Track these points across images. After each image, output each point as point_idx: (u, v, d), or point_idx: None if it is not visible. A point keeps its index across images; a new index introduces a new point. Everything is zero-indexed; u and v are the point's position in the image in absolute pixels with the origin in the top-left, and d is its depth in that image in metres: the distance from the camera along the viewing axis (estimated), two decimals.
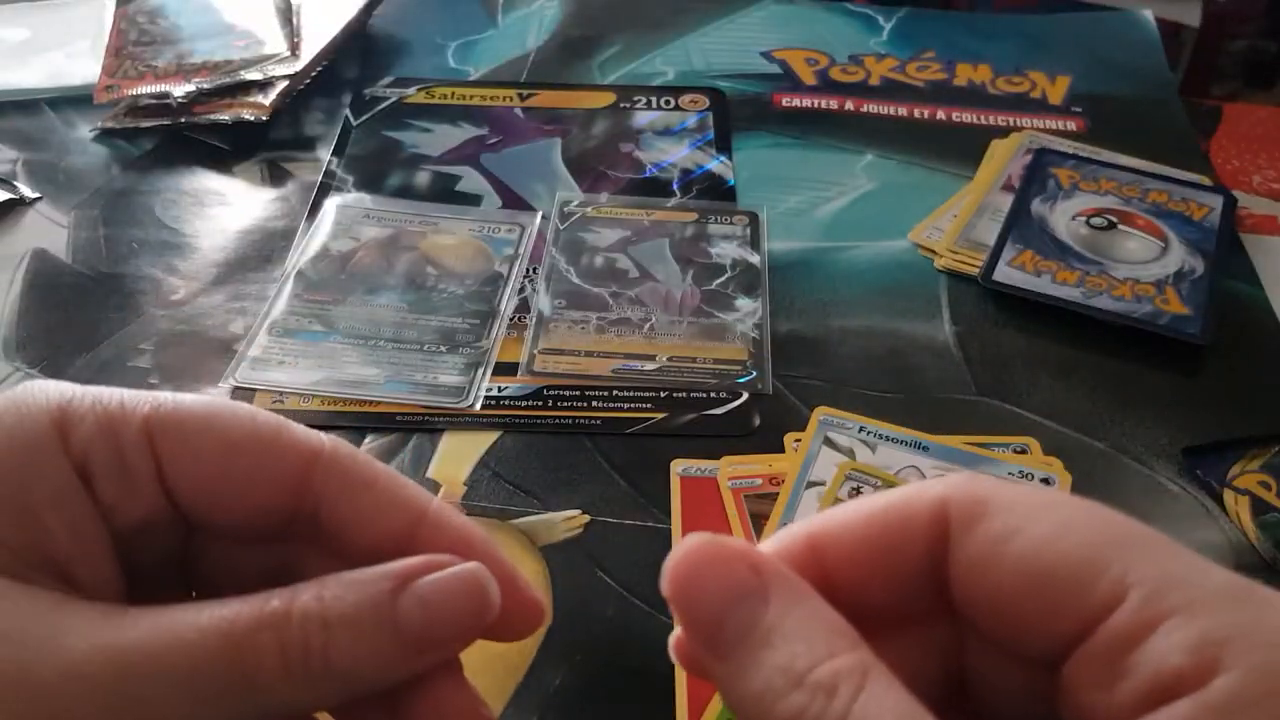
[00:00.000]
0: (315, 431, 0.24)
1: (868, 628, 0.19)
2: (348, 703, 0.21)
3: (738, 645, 0.19)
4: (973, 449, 0.40)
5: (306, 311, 0.46)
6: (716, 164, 0.55)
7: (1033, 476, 0.39)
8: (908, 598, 0.20)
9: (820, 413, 0.40)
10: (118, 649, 0.20)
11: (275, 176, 0.55)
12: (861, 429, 0.40)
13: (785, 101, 0.60)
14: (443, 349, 0.44)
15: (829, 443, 0.38)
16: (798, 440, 0.40)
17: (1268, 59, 1.09)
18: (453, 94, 0.60)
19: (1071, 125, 0.58)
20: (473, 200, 0.53)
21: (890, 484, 0.37)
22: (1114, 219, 0.50)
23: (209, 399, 0.24)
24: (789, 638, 0.18)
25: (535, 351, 0.44)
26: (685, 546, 0.19)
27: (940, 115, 0.59)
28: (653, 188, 0.54)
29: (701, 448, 0.40)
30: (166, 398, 0.24)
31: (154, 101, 0.57)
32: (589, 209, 0.52)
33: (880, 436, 0.39)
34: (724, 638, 0.19)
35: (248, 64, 0.59)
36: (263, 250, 0.50)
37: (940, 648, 0.21)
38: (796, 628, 0.19)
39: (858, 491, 0.36)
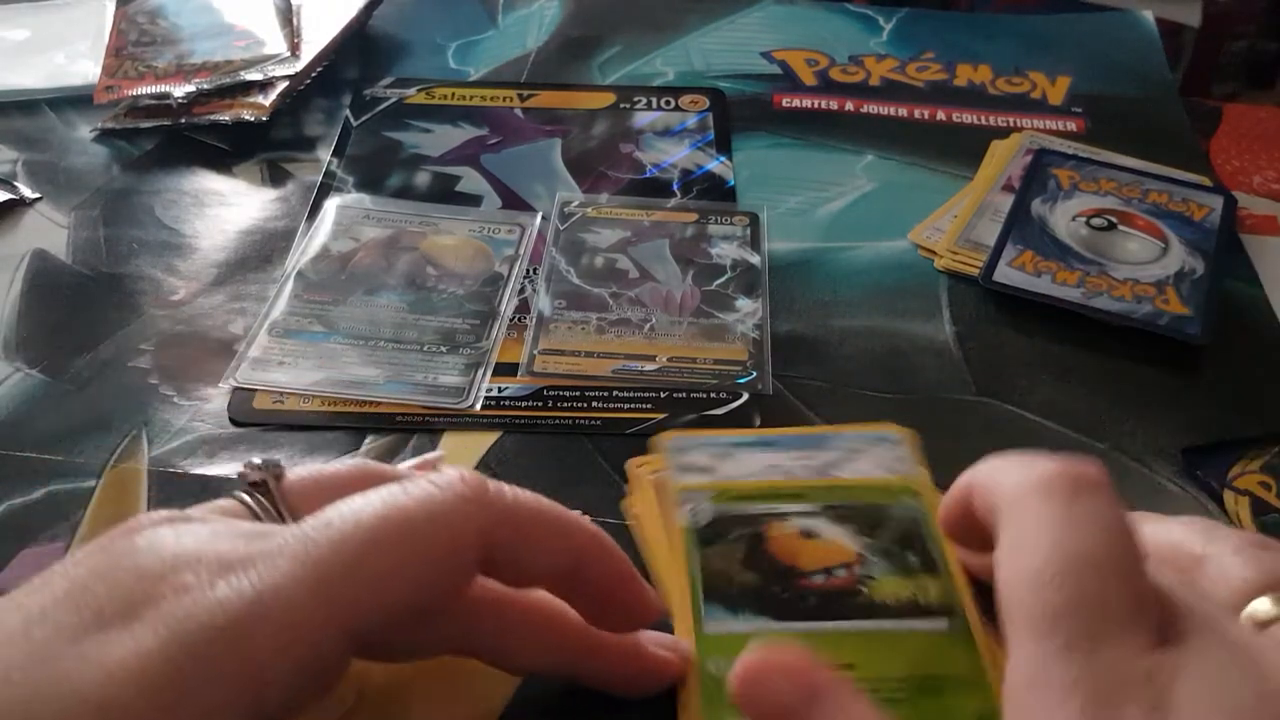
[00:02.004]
0: (476, 491, 0.25)
1: None
2: None
3: None
4: (818, 431, 0.40)
5: (306, 312, 0.46)
6: (716, 164, 0.55)
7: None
8: None
9: (666, 437, 0.38)
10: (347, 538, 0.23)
11: (275, 177, 0.55)
12: (711, 443, 0.38)
13: (785, 102, 0.60)
14: (443, 349, 0.44)
15: (686, 468, 0.38)
16: (646, 467, 0.38)
17: (1268, 59, 1.09)
18: (453, 94, 0.60)
19: (1071, 125, 0.58)
20: (473, 200, 0.53)
21: (750, 493, 0.37)
22: (1114, 219, 0.50)
23: (367, 517, 0.24)
24: None
25: (535, 352, 0.44)
26: (754, 653, 0.24)
27: (940, 115, 0.59)
28: (653, 188, 0.54)
29: None
30: (334, 559, 0.23)
31: (154, 102, 0.57)
32: (589, 209, 0.52)
33: (732, 444, 0.38)
34: None
35: (248, 64, 0.59)
36: (263, 250, 0.50)
37: None
38: None
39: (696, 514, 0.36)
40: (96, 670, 0.21)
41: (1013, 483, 0.27)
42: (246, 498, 0.28)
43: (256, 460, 0.28)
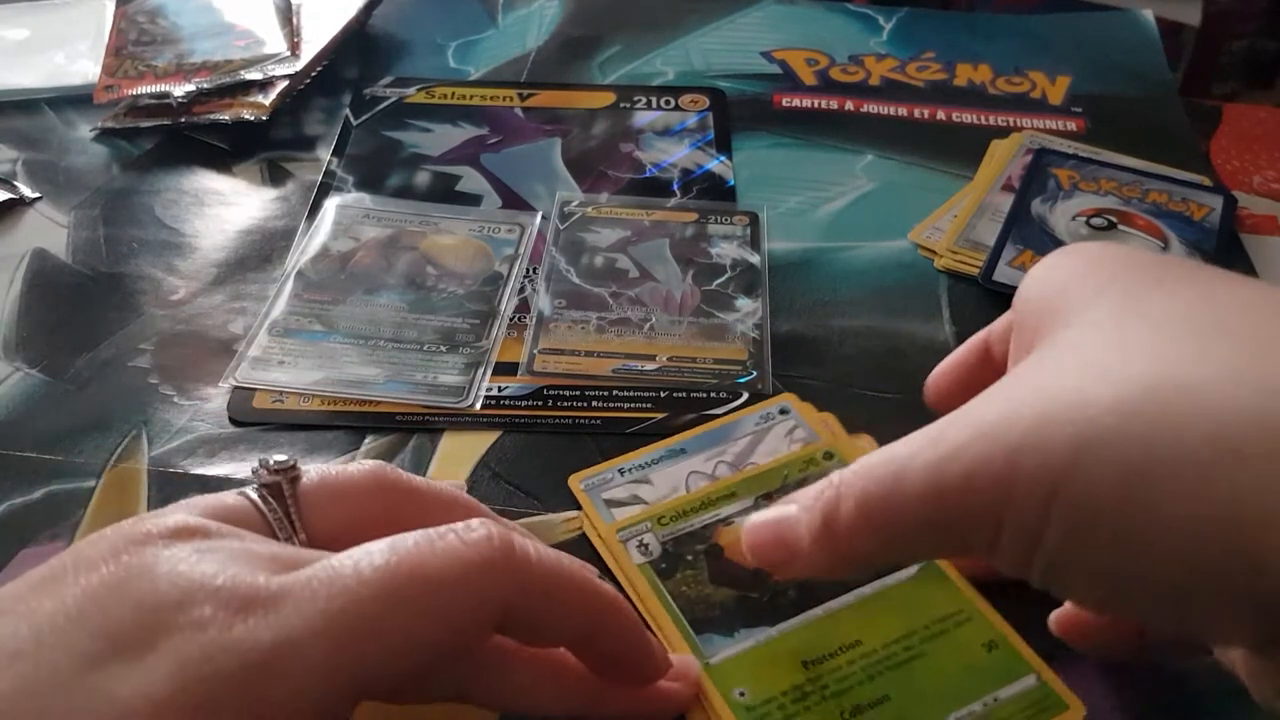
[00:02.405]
0: (502, 554, 0.25)
1: None
2: None
3: None
4: (717, 425, 0.40)
5: (306, 311, 0.46)
6: (716, 164, 0.55)
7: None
8: None
9: (577, 480, 0.38)
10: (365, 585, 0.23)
11: (275, 176, 0.55)
12: (622, 470, 0.38)
13: (785, 101, 0.60)
14: (443, 349, 0.44)
15: (610, 504, 0.37)
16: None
17: (1268, 59, 1.09)
18: (453, 94, 0.60)
19: (1071, 125, 0.58)
20: (473, 200, 0.53)
21: (686, 508, 0.37)
22: (1114, 219, 0.50)
23: (384, 574, 0.24)
24: None
25: (535, 351, 0.44)
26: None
27: (940, 115, 0.59)
28: (653, 188, 0.54)
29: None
30: (368, 616, 0.23)
31: (154, 101, 0.57)
32: (589, 209, 0.52)
33: (643, 466, 0.38)
34: None
35: (248, 64, 0.59)
36: (263, 250, 0.50)
37: None
38: None
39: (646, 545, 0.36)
40: (107, 707, 0.21)
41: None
42: (259, 500, 0.27)
43: (272, 459, 0.28)
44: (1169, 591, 0.22)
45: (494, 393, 0.42)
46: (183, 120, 0.57)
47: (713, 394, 0.42)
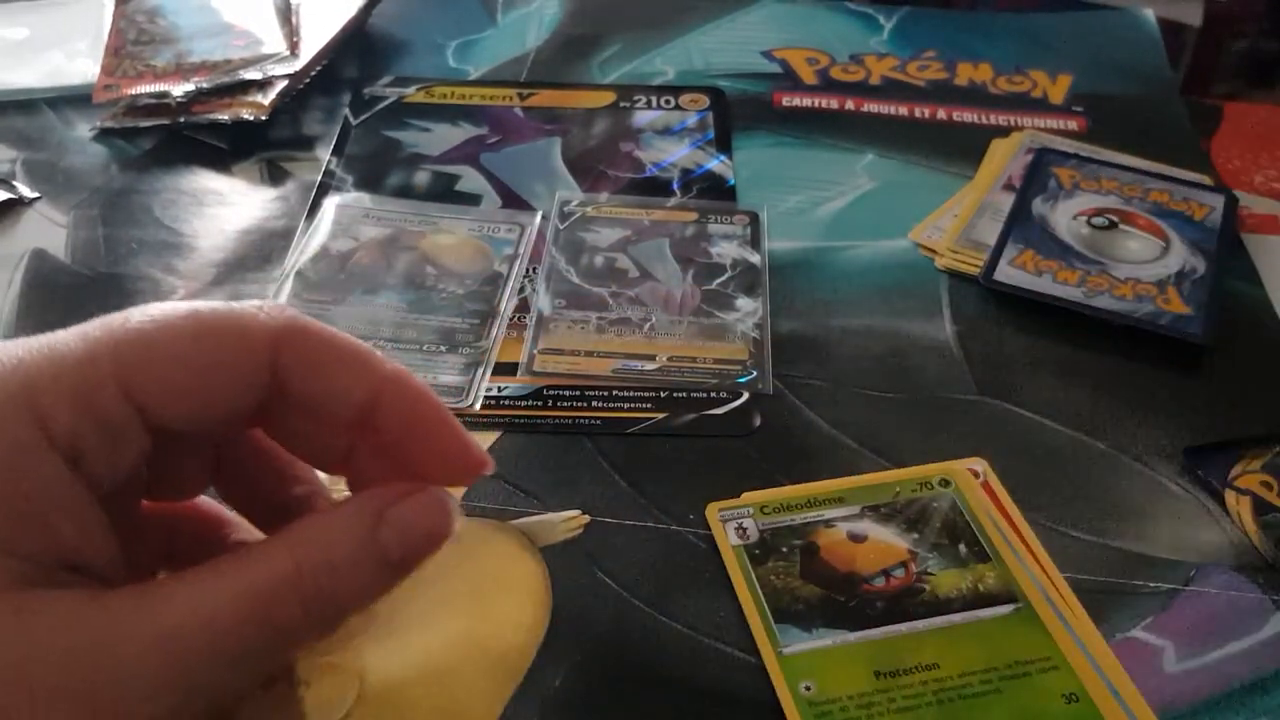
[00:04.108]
0: (275, 309, 0.26)
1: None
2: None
3: None
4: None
5: (306, 311, 0.45)
6: (716, 163, 0.55)
7: None
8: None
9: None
10: (167, 638, 0.22)
11: (274, 176, 0.55)
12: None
13: (785, 101, 0.60)
14: (442, 349, 0.44)
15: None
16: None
17: (1269, 58, 1.09)
18: (452, 93, 0.60)
19: (1072, 125, 0.58)
20: (472, 200, 0.53)
21: (790, 502, 0.37)
22: (1115, 218, 0.50)
23: (165, 311, 0.24)
24: None
25: (535, 351, 0.44)
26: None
27: (941, 115, 0.59)
28: (653, 187, 0.54)
29: (705, 457, 0.40)
30: (125, 330, 0.24)
31: (153, 101, 0.57)
32: (589, 209, 0.52)
33: None
34: None
35: (247, 63, 0.59)
36: (262, 250, 0.50)
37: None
38: None
39: None
40: None
41: None
42: None
43: None
44: None
45: (494, 393, 0.42)
46: (182, 120, 0.57)
47: (713, 394, 0.42)
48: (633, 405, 0.42)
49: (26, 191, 0.53)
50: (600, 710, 0.32)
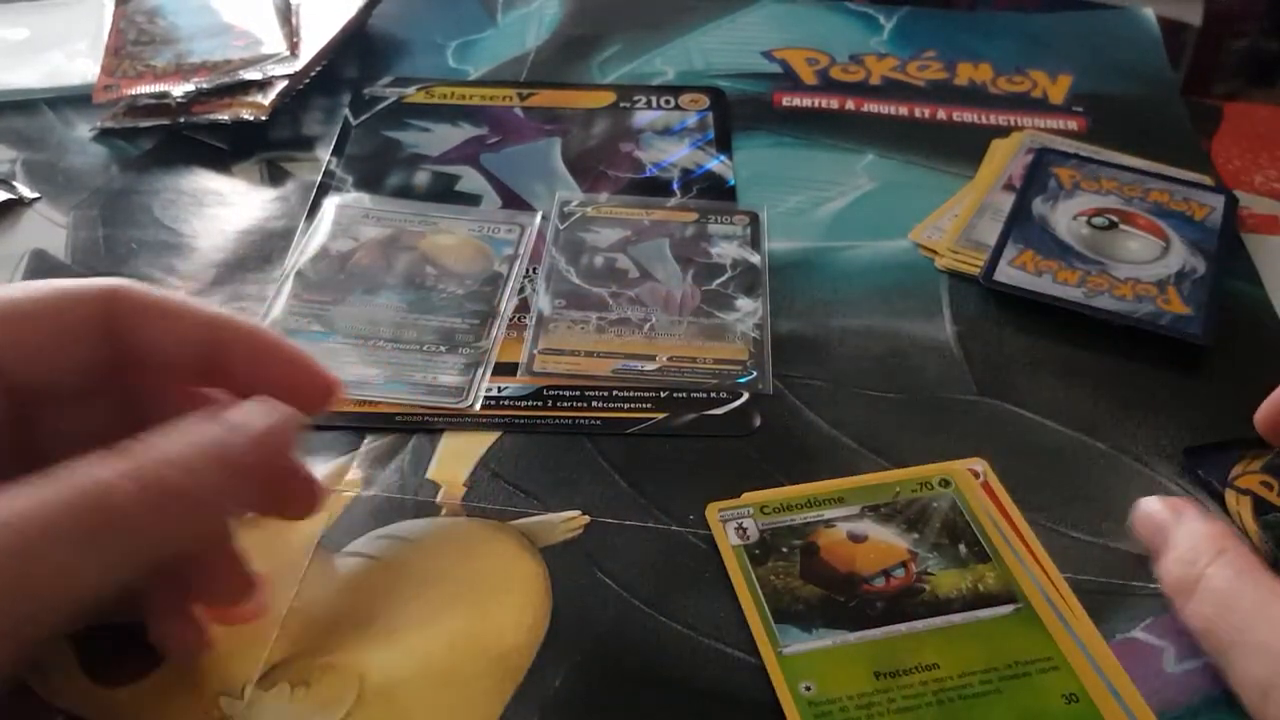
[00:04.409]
0: (101, 279, 0.27)
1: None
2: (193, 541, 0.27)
3: None
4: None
5: (306, 311, 0.46)
6: (717, 163, 0.55)
7: None
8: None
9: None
10: (12, 524, 0.22)
11: (274, 176, 0.55)
12: None
13: (786, 101, 0.60)
14: (442, 349, 0.44)
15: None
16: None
17: (1270, 58, 1.09)
18: (452, 94, 0.60)
19: (1073, 125, 0.58)
20: (472, 200, 0.53)
21: (790, 502, 0.37)
22: (1115, 219, 0.50)
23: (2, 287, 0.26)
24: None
25: (535, 351, 0.44)
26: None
27: (941, 115, 0.59)
28: (653, 187, 0.54)
29: (705, 457, 0.40)
30: None
31: (153, 101, 0.57)
32: (589, 209, 0.52)
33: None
34: None
35: (247, 64, 0.59)
36: (262, 250, 0.50)
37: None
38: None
39: None
40: None
41: None
42: None
43: None
44: None
45: (494, 393, 0.42)
46: (182, 120, 0.57)
47: (713, 394, 0.42)
48: (633, 405, 0.42)
49: (26, 192, 0.53)
50: (600, 710, 0.32)
